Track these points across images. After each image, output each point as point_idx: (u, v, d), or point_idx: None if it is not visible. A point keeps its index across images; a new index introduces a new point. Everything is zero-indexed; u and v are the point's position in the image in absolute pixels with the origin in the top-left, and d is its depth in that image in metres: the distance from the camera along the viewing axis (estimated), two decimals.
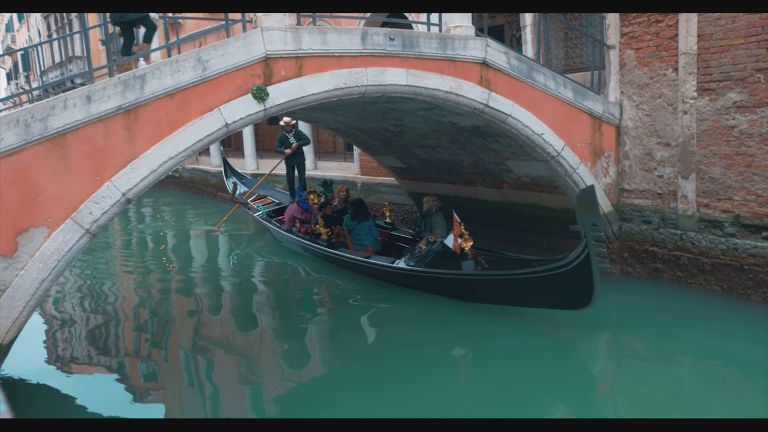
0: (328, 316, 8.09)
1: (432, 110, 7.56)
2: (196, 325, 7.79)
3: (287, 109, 6.14)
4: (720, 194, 7.22)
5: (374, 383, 5.71)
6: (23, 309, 4.78)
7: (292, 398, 5.57)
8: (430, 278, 7.59)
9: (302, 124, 15.35)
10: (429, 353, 6.31)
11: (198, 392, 5.84)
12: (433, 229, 8.41)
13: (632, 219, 8.23)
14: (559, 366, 5.98)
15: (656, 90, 7.72)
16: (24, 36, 37.11)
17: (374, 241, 9.44)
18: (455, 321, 7.06)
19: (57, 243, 4.88)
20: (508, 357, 6.13)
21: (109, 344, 7.19)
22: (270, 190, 14.54)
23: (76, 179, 4.97)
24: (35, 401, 5.65)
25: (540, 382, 5.60)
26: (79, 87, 5.09)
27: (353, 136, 10.75)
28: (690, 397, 5.29)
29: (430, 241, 7.91)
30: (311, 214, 10.63)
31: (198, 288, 9.45)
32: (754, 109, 6.76)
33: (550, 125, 7.55)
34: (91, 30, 21.40)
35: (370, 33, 6.35)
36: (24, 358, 6.19)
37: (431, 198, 8.97)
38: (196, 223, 15.73)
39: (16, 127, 4.66)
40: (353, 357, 6.44)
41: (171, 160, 5.38)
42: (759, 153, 6.80)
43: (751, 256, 6.93)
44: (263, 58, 5.77)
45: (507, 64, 7.25)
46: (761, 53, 6.63)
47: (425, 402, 5.23)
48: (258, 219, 12.48)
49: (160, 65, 5.28)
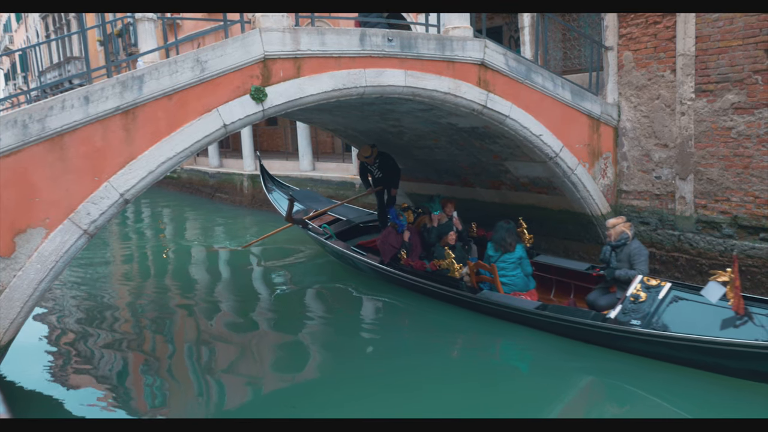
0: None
1: (430, 111, 7.56)
2: (196, 326, 7.78)
3: (286, 109, 6.14)
4: (718, 195, 7.24)
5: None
6: (21, 310, 4.77)
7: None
8: (698, 348, 5.30)
9: (301, 125, 15.37)
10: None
11: (199, 392, 5.83)
12: (633, 263, 6.33)
13: (630, 220, 8.21)
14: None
15: (654, 91, 7.73)
16: (22, 36, 37.08)
17: (527, 280, 7.09)
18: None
19: (55, 244, 4.87)
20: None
21: (107, 344, 7.18)
22: (325, 201, 11.62)
23: (74, 180, 4.96)
24: (33, 401, 5.64)
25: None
26: (77, 87, 5.08)
27: (352, 137, 10.75)
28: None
29: (650, 286, 5.96)
30: (410, 236, 8.25)
31: (219, 306, 9.25)
32: (752, 111, 6.78)
33: (548, 126, 7.56)
34: (90, 30, 21.37)
35: (368, 34, 6.35)
36: (22, 358, 6.18)
37: (622, 222, 6.64)
38: (215, 238, 13.53)
39: (14, 127, 4.66)
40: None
41: (169, 161, 5.37)
42: (757, 154, 6.81)
43: (749, 257, 6.94)
44: (262, 59, 5.77)
45: (505, 65, 7.26)
46: (759, 55, 6.65)
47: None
48: (327, 245, 9.72)
49: (158, 66, 5.28)
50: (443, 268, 7.33)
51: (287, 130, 20.09)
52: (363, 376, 6.00)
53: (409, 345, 6.86)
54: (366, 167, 9.74)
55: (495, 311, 6.90)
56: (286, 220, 9.99)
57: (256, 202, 16.68)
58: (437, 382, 5.68)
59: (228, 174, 18.62)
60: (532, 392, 5.56)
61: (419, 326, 7.44)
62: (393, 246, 8.07)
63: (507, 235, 7.10)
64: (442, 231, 7.78)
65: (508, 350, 6.74)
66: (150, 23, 7.80)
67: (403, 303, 8.04)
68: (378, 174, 9.65)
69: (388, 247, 8.09)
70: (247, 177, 17.28)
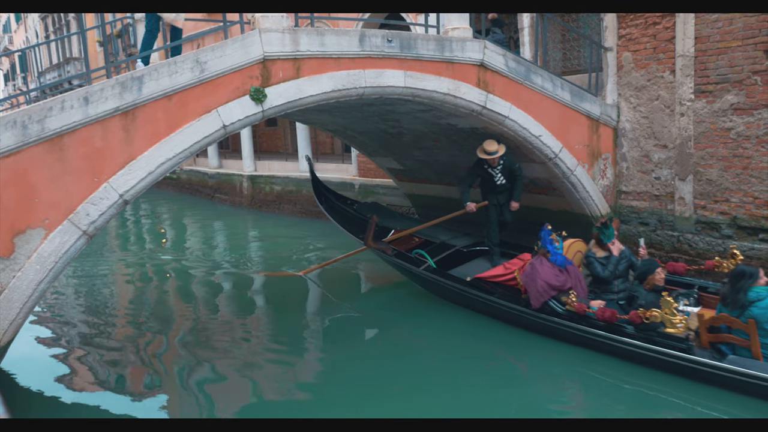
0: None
1: (430, 112, 7.57)
2: (196, 326, 7.78)
3: (285, 110, 6.14)
4: (717, 196, 7.24)
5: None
6: (20, 310, 4.77)
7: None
8: None
9: (300, 126, 15.36)
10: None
11: (200, 392, 5.83)
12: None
13: (630, 221, 8.24)
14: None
15: (653, 92, 7.73)
16: (21, 37, 37.08)
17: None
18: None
19: (54, 244, 4.87)
20: None
21: (107, 344, 7.18)
22: (401, 218, 9.50)
23: (73, 181, 4.96)
24: (33, 402, 5.64)
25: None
26: (76, 88, 5.08)
27: (351, 137, 10.75)
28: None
29: None
30: (570, 276, 6.29)
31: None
32: (751, 111, 6.78)
33: (547, 127, 7.56)
34: (89, 31, 21.36)
35: (368, 35, 6.36)
36: (22, 359, 6.19)
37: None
38: (251, 257, 11.53)
39: (14, 128, 4.66)
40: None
41: (169, 161, 5.37)
42: (756, 155, 6.82)
43: (748, 258, 6.94)
44: (261, 59, 5.77)
45: (505, 65, 7.26)
46: (758, 55, 6.65)
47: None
48: (422, 276, 7.56)
49: (158, 66, 5.28)
50: (652, 321, 5.26)
51: (287, 130, 20.10)
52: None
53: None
54: (484, 169, 7.53)
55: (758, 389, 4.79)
56: (366, 245, 7.87)
57: (256, 203, 16.68)
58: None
59: (227, 175, 18.61)
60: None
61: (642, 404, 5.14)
62: (551, 285, 6.10)
63: (739, 280, 5.04)
64: (648, 268, 5.87)
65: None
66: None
67: (585, 368, 5.77)
68: (501, 180, 7.53)
69: (541, 287, 6.08)
70: (247, 178, 17.28)
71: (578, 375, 5.79)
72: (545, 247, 6.32)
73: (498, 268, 6.98)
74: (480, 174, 7.62)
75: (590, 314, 5.79)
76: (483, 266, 7.54)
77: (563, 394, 5.58)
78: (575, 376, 5.80)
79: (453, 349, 6.42)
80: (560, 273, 6.21)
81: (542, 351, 6.15)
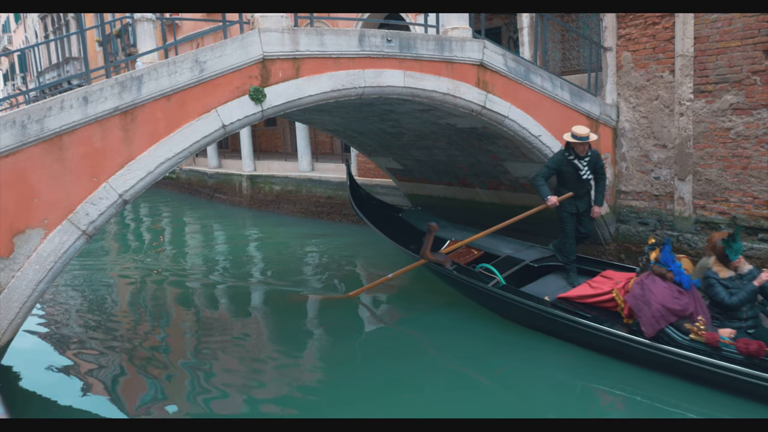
0: None
1: (429, 112, 7.57)
2: (196, 325, 7.78)
3: (285, 110, 6.14)
4: (716, 196, 7.25)
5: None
6: (20, 310, 4.77)
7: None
8: None
9: (299, 126, 15.37)
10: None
11: (200, 392, 5.83)
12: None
13: (629, 221, 8.25)
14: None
15: (653, 92, 7.74)
16: (21, 37, 37.07)
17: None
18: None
19: (53, 244, 4.87)
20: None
21: (106, 344, 7.17)
22: (452, 228, 8.45)
23: (72, 180, 4.96)
24: (32, 402, 5.63)
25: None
26: (76, 88, 5.08)
27: (350, 137, 10.76)
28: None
29: None
30: (693, 299, 5.18)
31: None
32: (751, 111, 6.79)
33: (547, 127, 7.57)
34: (88, 31, 21.37)
35: (367, 35, 6.36)
36: (21, 359, 6.19)
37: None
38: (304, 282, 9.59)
39: (13, 128, 4.66)
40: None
41: (168, 161, 5.38)
42: (755, 155, 6.82)
43: (748, 257, 6.94)
44: (260, 59, 5.77)
45: (504, 65, 7.26)
46: (757, 55, 6.66)
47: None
48: (487, 293, 6.55)
49: (157, 66, 5.28)
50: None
51: (286, 130, 20.11)
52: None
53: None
54: (568, 159, 6.34)
55: None
56: (423, 257, 6.98)
57: (255, 203, 16.69)
58: None
59: (227, 174, 18.62)
60: None
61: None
62: (670, 309, 5.08)
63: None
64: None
65: None
66: (149, 24, 7.79)
67: (721, 413, 4.63)
68: (587, 174, 6.38)
69: (657, 310, 5.09)
70: (246, 177, 17.28)
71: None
72: (667, 266, 5.25)
73: (583, 287, 6.07)
74: (561, 166, 6.29)
75: (725, 346, 4.71)
76: (558, 284, 6.65)
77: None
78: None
79: (551, 386, 5.39)
80: (680, 295, 5.11)
81: (665, 394, 4.92)
